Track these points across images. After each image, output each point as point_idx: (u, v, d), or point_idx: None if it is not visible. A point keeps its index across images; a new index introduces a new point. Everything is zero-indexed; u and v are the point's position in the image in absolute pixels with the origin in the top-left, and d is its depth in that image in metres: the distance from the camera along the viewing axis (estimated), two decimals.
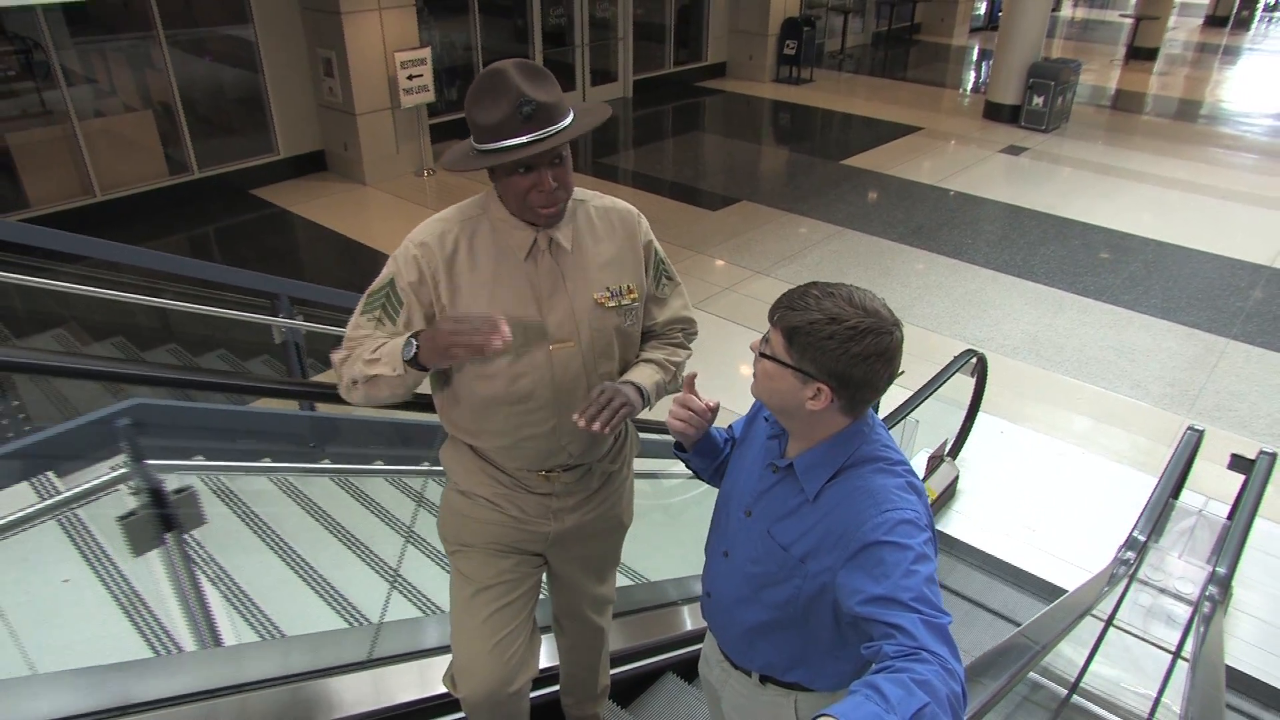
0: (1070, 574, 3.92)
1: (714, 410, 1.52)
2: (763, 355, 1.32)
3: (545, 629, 1.99)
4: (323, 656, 2.10)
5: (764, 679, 1.50)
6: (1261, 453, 3.74)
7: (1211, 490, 4.33)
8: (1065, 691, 2.84)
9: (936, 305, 6.45)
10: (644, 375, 1.62)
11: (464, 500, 1.72)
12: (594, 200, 1.65)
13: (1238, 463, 3.76)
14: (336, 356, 1.56)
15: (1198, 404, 5.37)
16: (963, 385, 4.54)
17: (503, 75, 1.41)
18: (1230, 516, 3.69)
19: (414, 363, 1.45)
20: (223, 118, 8.76)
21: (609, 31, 12.04)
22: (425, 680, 2.13)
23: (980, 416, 4.79)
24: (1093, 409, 5.35)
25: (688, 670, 2.61)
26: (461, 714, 1.89)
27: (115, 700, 1.78)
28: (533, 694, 2.00)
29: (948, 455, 4.57)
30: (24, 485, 2.77)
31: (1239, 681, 3.46)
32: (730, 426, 1.65)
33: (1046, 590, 3.93)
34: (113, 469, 1.84)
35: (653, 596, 2.92)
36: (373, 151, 8.87)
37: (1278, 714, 3.37)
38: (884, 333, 1.22)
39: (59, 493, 2.06)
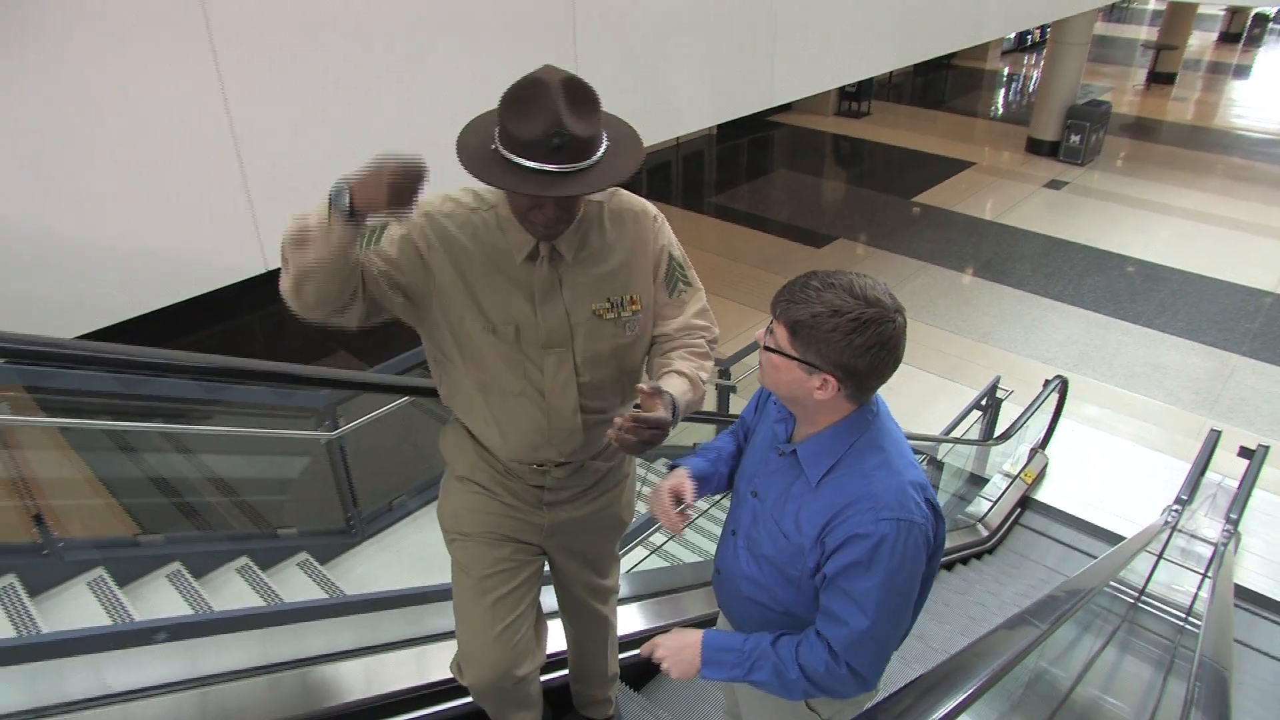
0: (1125, 526, 5.72)
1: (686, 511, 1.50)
2: (767, 349, 1.32)
3: (554, 615, 2.05)
4: None
5: None
6: (1260, 445, 5.64)
7: (1226, 470, 6.15)
8: (1136, 594, 4.65)
9: (1011, 330, 8.27)
10: (676, 387, 1.52)
11: (460, 487, 1.74)
12: (610, 200, 1.58)
13: (1244, 452, 5.65)
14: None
15: (1216, 407, 7.15)
16: (1049, 397, 6.38)
17: (546, 93, 1.30)
18: (1239, 487, 5.54)
19: (346, 211, 1.23)
20: None
21: None
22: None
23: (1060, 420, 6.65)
24: (1137, 412, 7.13)
25: None
26: None
27: None
28: (548, 676, 2.07)
29: (1040, 448, 6.42)
30: None
31: (1246, 594, 5.28)
32: (741, 416, 1.67)
33: (1109, 536, 5.76)
34: None
35: (668, 581, 3.04)
36: None
37: (1273, 611, 5.20)
38: (886, 321, 1.23)
39: None
